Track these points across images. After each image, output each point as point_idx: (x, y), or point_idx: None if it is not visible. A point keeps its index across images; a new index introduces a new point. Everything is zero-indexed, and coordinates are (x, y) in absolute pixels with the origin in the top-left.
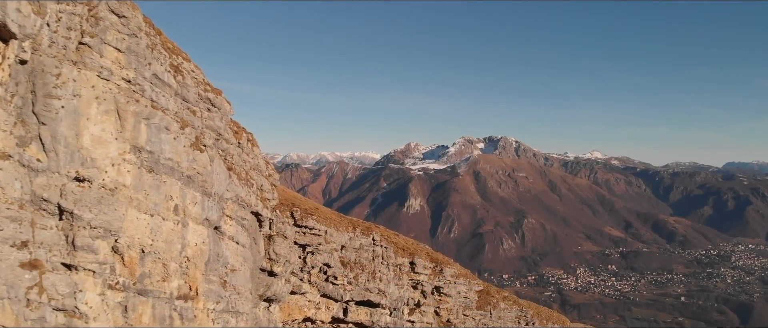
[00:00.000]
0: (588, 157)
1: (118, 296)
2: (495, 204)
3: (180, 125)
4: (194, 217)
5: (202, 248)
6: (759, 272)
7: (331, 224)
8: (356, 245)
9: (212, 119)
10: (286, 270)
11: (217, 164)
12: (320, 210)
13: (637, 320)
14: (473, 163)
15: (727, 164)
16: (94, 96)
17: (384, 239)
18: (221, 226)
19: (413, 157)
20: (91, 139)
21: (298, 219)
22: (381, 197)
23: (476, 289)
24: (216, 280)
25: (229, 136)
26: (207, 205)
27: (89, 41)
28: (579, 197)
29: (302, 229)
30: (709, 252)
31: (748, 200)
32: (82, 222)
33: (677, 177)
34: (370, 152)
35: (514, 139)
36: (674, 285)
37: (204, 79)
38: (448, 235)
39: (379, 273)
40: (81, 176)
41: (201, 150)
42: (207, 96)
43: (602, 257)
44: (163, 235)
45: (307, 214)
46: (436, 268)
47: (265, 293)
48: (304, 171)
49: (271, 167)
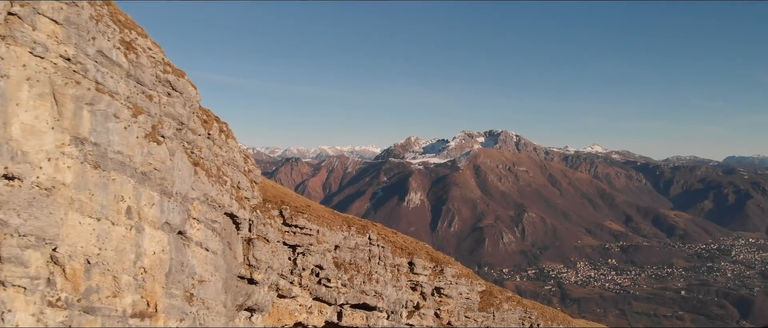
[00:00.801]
0: (588, 151)
1: (60, 314)
2: (495, 198)
3: (132, 112)
4: (151, 220)
5: (161, 256)
6: (759, 266)
7: (323, 222)
8: (351, 245)
9: (173, 106)
10: (268, 277)
11: (180, 158)
12: (312, 208)
13: (637, 314)
14: (473, 157)
15: (728, 158)
16: (26, 77)
17: (381, 237)
18: (186, 230)
19: (413, 152)
20: (21, 129)
21: (287, 218)
22: (381, 191)
23: (478, 289)
24: (179, 293)
25: (195, 125)
26: (167, 206)
27: (19, 11)
28: (579, 191)
29: (292, 228)
30: (710, 246)
31: (749, 194)
32: (8, 229)
33: (678, 171)
34: (371, 146)
35: (515, 134)
36: (674, 279)
37: (164, 59)
38: (448, 229)
39: (376, 274)
40: (10, 174)
41: (158, 142)
42: (166, 78)
43: (602, 251)
44: (112, 242)
45: (298, 212)
46: (436, 268)
47: (246, 303)
48: (304, 165)
49: (251, 162)
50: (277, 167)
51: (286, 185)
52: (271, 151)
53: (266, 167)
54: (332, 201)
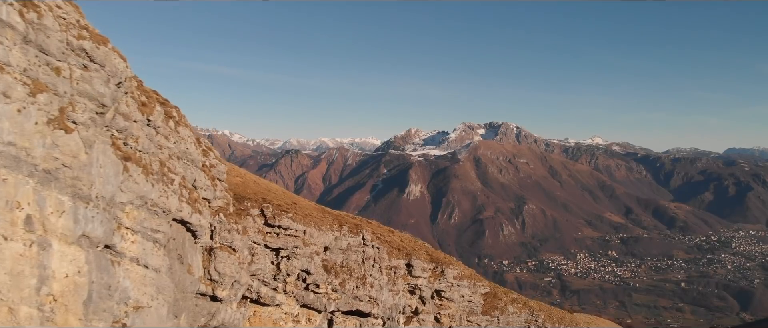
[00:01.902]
0: (589, 143)
1: None
2: (495, 190)
3: (30, 90)
4: (61, 233)
5: (77, 279)
6: (759, 258)
7: (311, 222)
8: (343, 246)
9: (90, 82)
10: (235, 293)
11: (101, 151)
12: (299, 205)
13: (637, 306)
14: (474, 149)
15: (729, 150)
16: None
17: (376, 237)
18: (116, 244)
19: (414, 144)
20: None
21: (269, 218)
22: (381, 183)
23: (482, 291)
24: (106, 325)
25: (129, 109)
26: (84, 214)
27: None
28: (579, 183)
29: (275, 229)
30: (710, 238)
31: (749, 186)
32: None
33: (678, 163)
34: (371, 138)
35: (515, 126)
36: (674, 271)
37: (80, 21)
38: (448, 221)
39: (370, 278)
40: None
41: (68, 129)
42: (81, 46)
43: (602, 243)
44: (5, 264)
45: (282, 211)
46: (436, 269)
47: (210, 323)
48: (304, 157)
49: (215, 155)
50: (277, 159)
51: (286, 178)
52: (271, 143)
53: (266, 158)
54: (332, 193)
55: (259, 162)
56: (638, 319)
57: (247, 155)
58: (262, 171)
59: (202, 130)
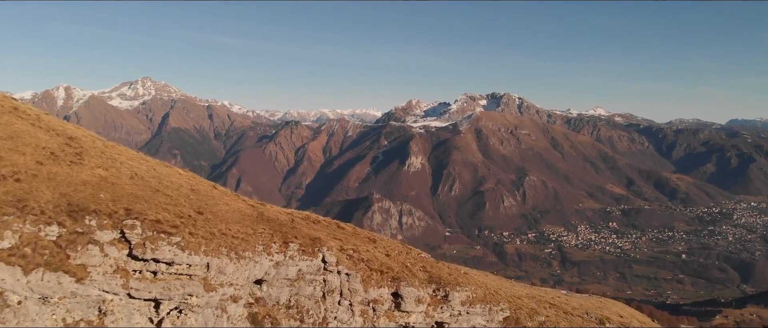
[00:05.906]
0: (591, 113)
1: None
2: (496, 162)
3: None
4: None
5: None
6: (761, 230)
7: (222, 245)
8: (290, 275)
9: None
10: None
11: None
12: (210, 215)
13: (637, 277)
14: (475, 120)
15: (731, 121)
16: None
17: (345, 256)
18: None
19: (414, 115)
20: None
21: (136, 246)
22: (382, 155)
23: (500, 317)
24: None
25: None
26: None
27: None
28: (581, 155)
29: (148, 264)
30: (711, 210)
31: (752, 158)
32: None
33: (680, 134)
34: (371, 110)
35: (517, 96)
36: (675, 243)
37: None
38: (449, 193)
39: (335, 322)
40: None
41: None
42: None
43: (603, 215)
44: None
45: (161, 232)
46: (436, 294)
47: None
48: (304, 129)
49: None
50: (276, 131)
51: (286, 149)
52: (271, 115)
53: (266, 129)
54: (333, 165)
55: (258, 133)
56: (638, 290)
57: (247, 126)
58: (262, 142)
59: (201, 101)
